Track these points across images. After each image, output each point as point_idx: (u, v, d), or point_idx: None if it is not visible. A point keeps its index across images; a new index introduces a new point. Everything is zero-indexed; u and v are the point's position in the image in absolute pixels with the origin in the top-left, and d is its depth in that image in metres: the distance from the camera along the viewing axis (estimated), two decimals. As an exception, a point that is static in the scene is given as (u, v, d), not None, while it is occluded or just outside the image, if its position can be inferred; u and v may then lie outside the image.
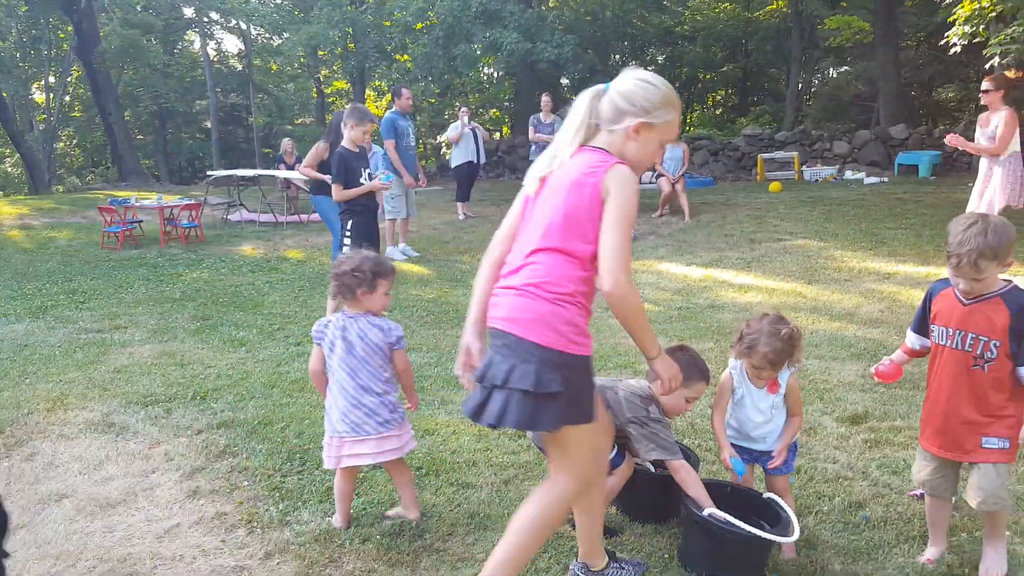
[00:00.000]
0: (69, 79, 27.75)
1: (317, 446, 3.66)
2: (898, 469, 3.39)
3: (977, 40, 11.54)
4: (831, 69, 26.50)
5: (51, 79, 25.89)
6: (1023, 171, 6.69)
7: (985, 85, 6.73)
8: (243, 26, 27.10)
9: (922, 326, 2.66)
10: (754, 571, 2.60)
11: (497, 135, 25.75)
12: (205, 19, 26.84)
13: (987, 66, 12.15)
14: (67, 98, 28.29)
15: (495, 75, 25.45)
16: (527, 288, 2.10)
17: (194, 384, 4.57)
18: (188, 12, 26.79)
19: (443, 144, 20.56)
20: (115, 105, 23.95)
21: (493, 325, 2.17)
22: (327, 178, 6.75)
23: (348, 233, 5.54)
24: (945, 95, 24.04)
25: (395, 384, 2.94)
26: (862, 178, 14.10)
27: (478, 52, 17.49)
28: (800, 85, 23.26)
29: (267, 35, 27.17)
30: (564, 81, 24.97)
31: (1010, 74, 9.02)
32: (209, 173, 14.15)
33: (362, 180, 5.52)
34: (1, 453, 3.65)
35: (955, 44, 9.91)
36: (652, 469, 2.94)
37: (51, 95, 26.24)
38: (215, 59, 30.35)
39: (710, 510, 2.56)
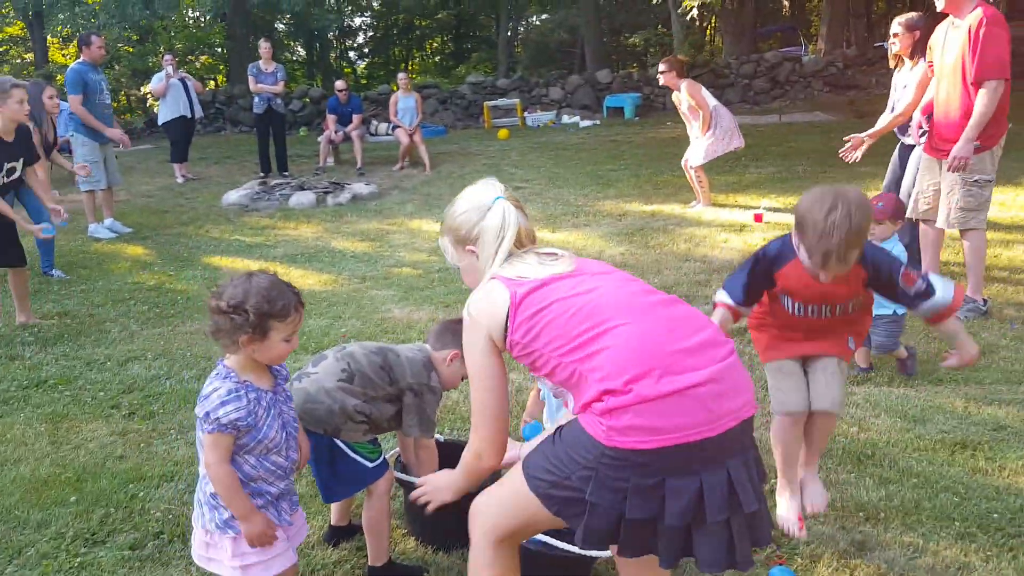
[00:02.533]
0: None
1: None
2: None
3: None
4: (534, 16, 27.81)
5: None
6: (728, 116, 7.46)
7: (661, 67, 7.44)
8: None
9: (754, 296, 2.36)
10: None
11: (212, 84, 23.24)
12: None
13: (681, 13, 13.44)
14: None
15: (203, 18, 22.80)
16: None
17: None
18: None
19: (148, 96, 17.86)
20: None
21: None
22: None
23: None
24: (634, 41, 26.62)
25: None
26: (578, 122, 14.99)
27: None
28: (509, 33, 24.09)
29: None
30: (279, 27, 23.23)
31: (682, 57, 10.23)
32: None
33: None
34: None
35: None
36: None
37: None
38: None
39: None
